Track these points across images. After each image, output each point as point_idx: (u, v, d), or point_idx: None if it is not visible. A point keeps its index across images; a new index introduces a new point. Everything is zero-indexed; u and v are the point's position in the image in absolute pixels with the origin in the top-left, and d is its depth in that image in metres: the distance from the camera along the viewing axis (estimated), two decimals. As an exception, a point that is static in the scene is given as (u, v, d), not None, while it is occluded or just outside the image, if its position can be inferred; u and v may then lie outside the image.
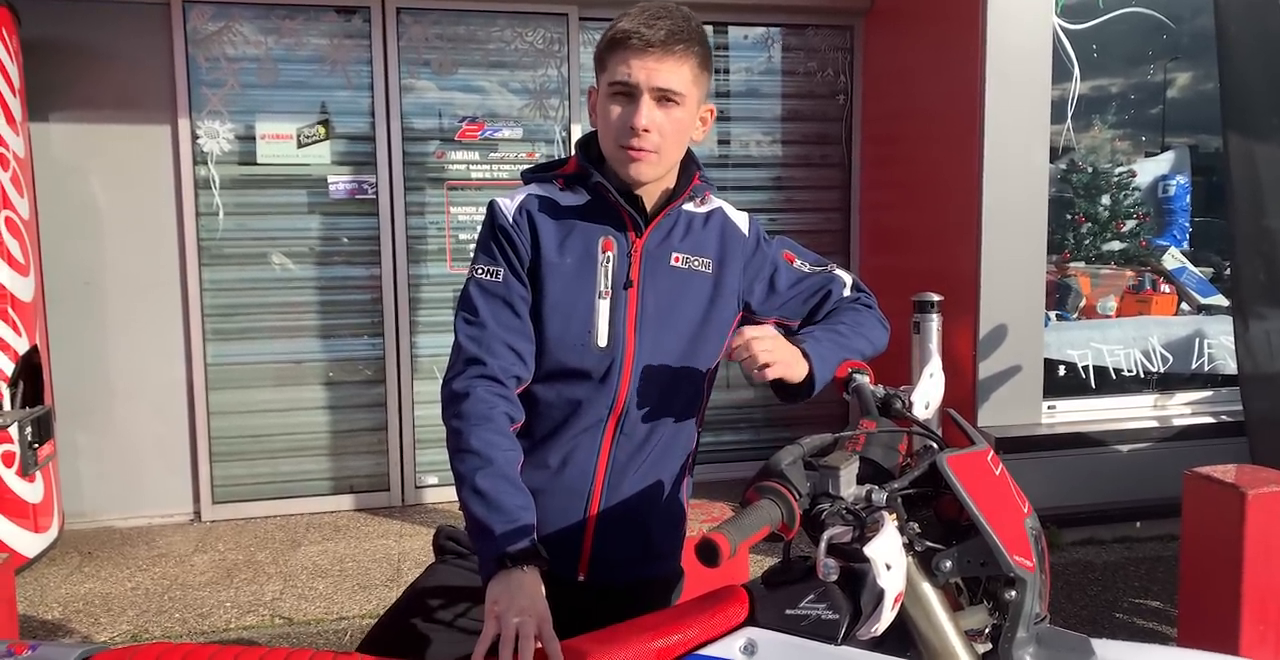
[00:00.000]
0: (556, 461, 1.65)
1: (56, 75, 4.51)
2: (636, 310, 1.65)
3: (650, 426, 1.67)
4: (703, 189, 1.75)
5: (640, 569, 1.73)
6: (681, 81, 1.59)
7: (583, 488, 1.65)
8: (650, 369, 1.64)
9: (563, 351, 1.63)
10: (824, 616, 1.28)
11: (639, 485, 1.68)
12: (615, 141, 1.61)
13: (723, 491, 4.46)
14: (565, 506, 1.65)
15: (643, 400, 1.64)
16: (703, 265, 1.71)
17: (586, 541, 1.67)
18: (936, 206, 4.75)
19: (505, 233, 1.65)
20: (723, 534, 1.13)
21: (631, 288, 1.65)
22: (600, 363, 1.63)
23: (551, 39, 5.09)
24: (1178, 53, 4.95)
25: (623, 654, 1.34)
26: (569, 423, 1.65)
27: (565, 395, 1.64)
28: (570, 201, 1.68)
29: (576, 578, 1.68)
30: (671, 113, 1.60)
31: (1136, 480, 4.43)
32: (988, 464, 1.39)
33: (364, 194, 4.93)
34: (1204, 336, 4.95)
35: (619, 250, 1.66)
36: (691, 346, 1.69)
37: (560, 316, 1.63)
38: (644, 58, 1.56)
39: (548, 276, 1.64)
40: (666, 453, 1.71)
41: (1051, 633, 1.38)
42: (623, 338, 1.63)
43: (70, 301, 4.63)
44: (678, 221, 1.72)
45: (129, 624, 3.66)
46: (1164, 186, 5.06)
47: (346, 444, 5.03)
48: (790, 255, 1.82)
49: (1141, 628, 3.57)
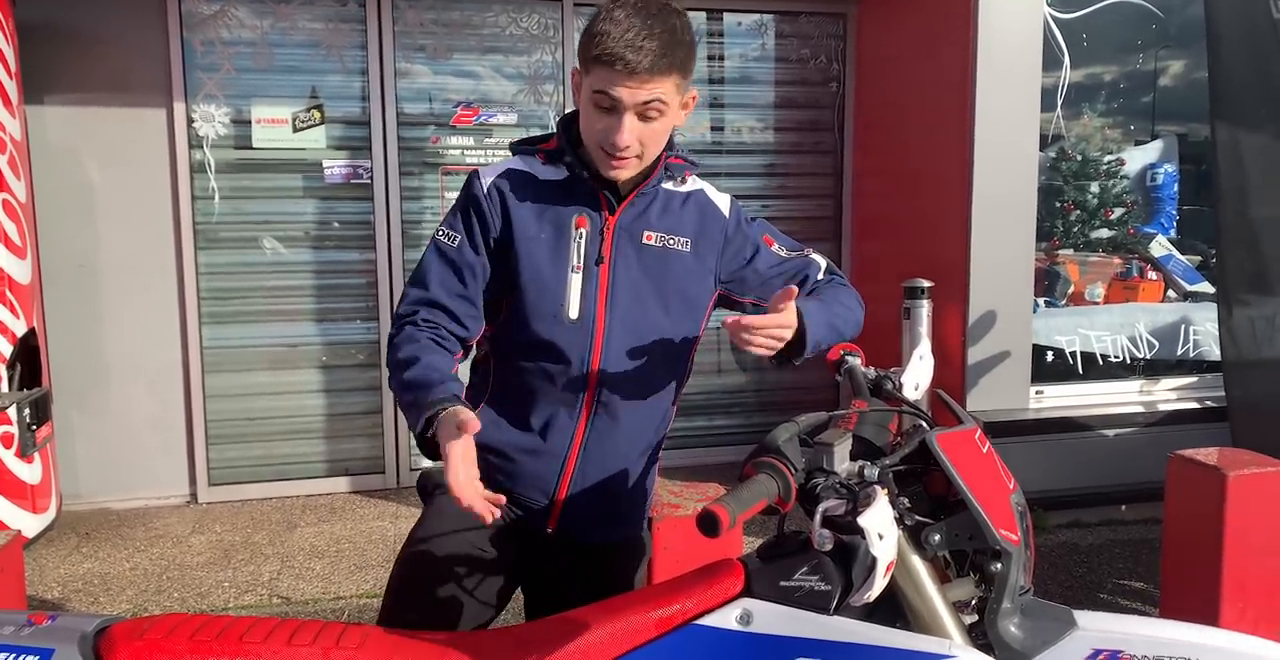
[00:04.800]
0: (538, 424, 1.73)
1: (52, 58, 4.51)
2: (608, 285, 1.69)
3: (626, 399, 1.72)
4: (682, 169, 1.77)
5: (605, 531, 1.81)
6: (665, 93, 1.59)
7: (559, 451, 1.73)
8: (623, 343, 1.69)
9: (537, 322, 1.68)
10: (817, 587, 1.33)
11: (613, 453, 1.75)
12: (597, 145, 1.63)
13: (715, 474, 4.52)
14: (542, 466, 1.74)
15: (615, 373, 1.69)
16: (679, 243, 1.74)
17: (558, 498, 1.74)
18: (927, 193, 4.80)
19: (476, 203, 1.70)
20: (723, 506, 1.18)
21: (603, 264, 1.69)
22: (572, 335, 1.68)
23: (545, 24, 5.11)
24: (1167, 42, 5.00)
25: (623, 624, 1.39)
26: (547, 391, 1.71)
27: (542, 364, 1.70)
28: (548, 176, 1.71)
29: (546, 530, 1.77)
30: (653, 123, 1.62)
31: (1122, 464, 4.50)
32: (975, 442, 1.44)
33: (359, 178, 4.95)
34: (1190, 323, 5.02)
35: (591, 227, 1.69)
36: (664, 323, 1.72)
37: (535, 288, 1.67)
38: (629, 81, 1.55)
39: (522, 249, 1.68)
40: (643, 424, 1.77)
41: (1035, 604, 1.44)
42: (594, 312, 1.68)
43: (66, 284, 4.64)
44: (654, 200, 1.74)
45: (128, 603, 3.71)
46: (1152, 175, 5.11)
47: (342, 427, 5.07)
48: (769, 238, 1.84)
49: (1125, 607, 3.65)
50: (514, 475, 1.74)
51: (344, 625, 1.43)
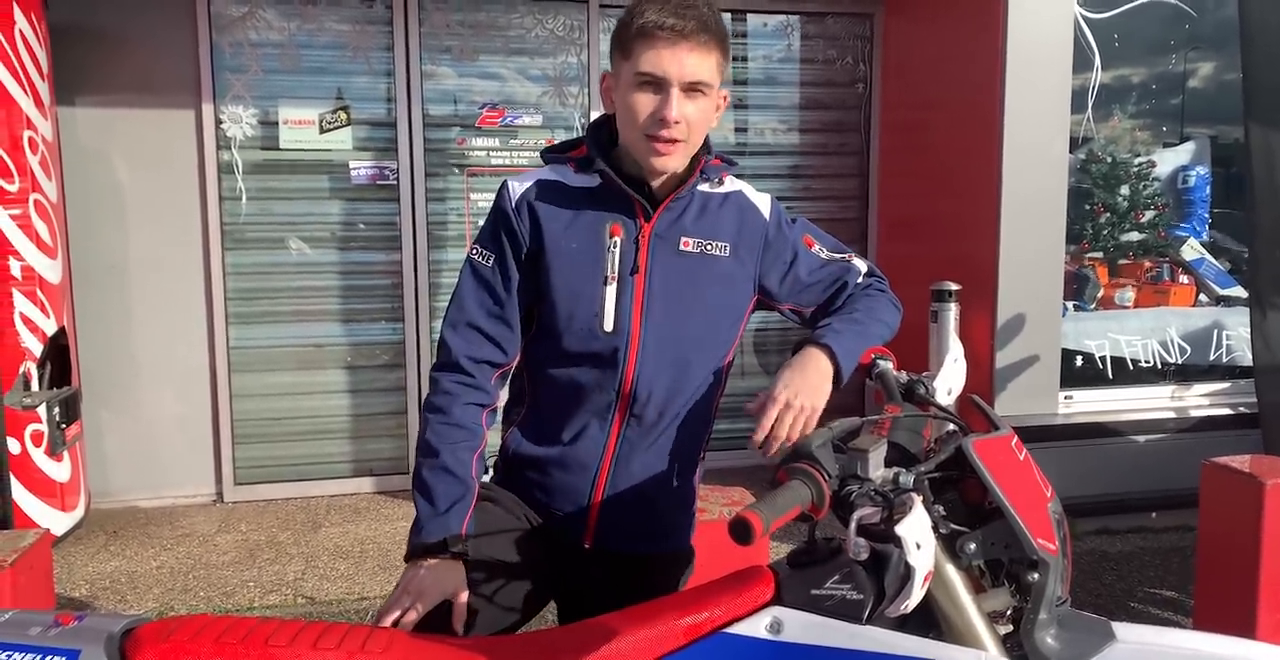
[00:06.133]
0: (569, 436, 1.69)
1: (83, 60, 4.55)
2: (643, 296, 1.65)
3: (660, 410, 1.68)
4: (719, 170, 1.73)
5: (646, 543, 1.77)
6: (709, 72, 1.60)
7: (591, 463, 1.69)
8: (658, 354, 1.66)
9: (570, 335, 1.65)
10: (849, 596, 1.31)
11: (648, 464, 1.71)
12: (642, 131, 1.60)
13: (740, 477, 4.49)
14: (575, 478, 1.70)
15: (650, 385, 1.66)
16: (717, 249, 1.70)
17: (593, 512, 1.71)
18: (955, 195, 4.75)
19: (505, 218, 1.68)
20: (756, 513, 1.16)
21: (638, 274, 1.65)
22: (607, 347, 1.64)
23: (571, 26, 5.11)
24: (1199, 42, 4.93)
25: (650, 631, 1.37)
26: (579, 403, 1.68)
27: (575, 376, 1.67)
28: (580, 184, 1.68)
29: (583, 545, 1.73)
30: (698, 103, 1.60)
31: (1152, 471, 4.44)
32: (1012, 449, 1.41)
33: (385, 180, 4.96)
34: (1222, 328, 4.95)
35: (626, 236, 1.66)
36: (702, 332, 1.69)
37: (567, 301, 1.65)
38: (675, 50, 1.55)
39: (553, 261, 1.65)
40: (678, 436, 1.72)
41: (1072, 615, 1.41)
42: (629, 324, 1.64)
43: (96, 284, 4.68)
44: (690, 204, 1.71)
45: (155, 602, 3.73)
46: (1184, 177, 5.04)
47: (366, 427, 5.08)
48: (810, 239, 1.80)
49: (1156, 617, 3.59)
50: (548, 489, 1.73)
51: (369, 628, 1.42)
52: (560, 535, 1.74)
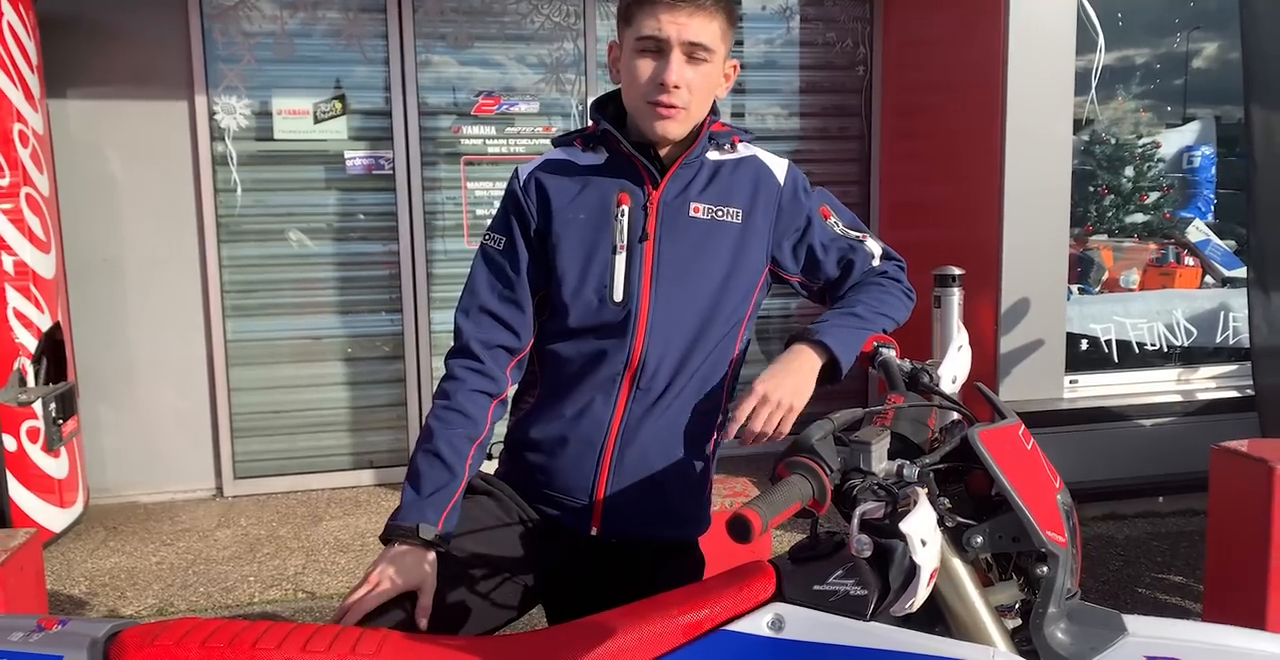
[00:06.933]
0: (572, 412, 1.66)
1: (74, 51, 4.50)
2: (653, 263, 1.63)
3: (668, 381, 1.64)
4: (729, 135, 1.71)
5: (656, 528, 1.71)
6: (711, 36, 1.57)
7: (596, 439, 1.65)
8: (667, 322, 1.63)
9: (579, 307, 1.63)
10: (853, 592, 1.27)
11: (655, 440, 1.66)
12: (643, 97, 1.59)
13: (744, 467, 4.46)
14: (579, 457, 1.66)
15: (659, 355, 1.63)
16: (729, 215, 1.67)
17: (599, 494, 1.66)
18: (958, 179, 4.70)
19: (515, 198, 1.69)
20: (754, 510, 1.12)
21: (647, 241, 1.63)
22: (616, 317, 1.62)
23: (568, 12, 5.05)
24: (1202, 22, 4.86)
25: (649, 628, 1.33)
26: (586, 376, 1.65)
27: (583, 349, 1.65)
28: (588, 160, 1.69)
29: (589, 531, 1.68)
30: (700, 68, 1.59)
31: (1159, 455, 4.40)
32: (1019, 438, 1.37)
33: (381, 169, 4.91)
34: (1229, 310, 4.90)
35: (635, 203, 1.64)
36: (713, 300, 1.65)
37: (576, 272, 1.63)
38: (675, 13, 1.54)
39: (561, 233, 1.64)
40: (687, 410, 1.67)
41: (1083, 608, 1.37)
42: (638, 292, 1.62)
43: (90, 278, 4.64)
44: (700, 171, 1.68)
45: (154, 598, 3.70)
46: (1189, 158, 4.99)
47: (366, 419, 5.05)
48: (827, 211, 1.76)
49: (1164, 602, 3.56)
50: (552, 471, 1.67)
51: (360, 630, 1.39)
52: (563, 524, 1.69)
